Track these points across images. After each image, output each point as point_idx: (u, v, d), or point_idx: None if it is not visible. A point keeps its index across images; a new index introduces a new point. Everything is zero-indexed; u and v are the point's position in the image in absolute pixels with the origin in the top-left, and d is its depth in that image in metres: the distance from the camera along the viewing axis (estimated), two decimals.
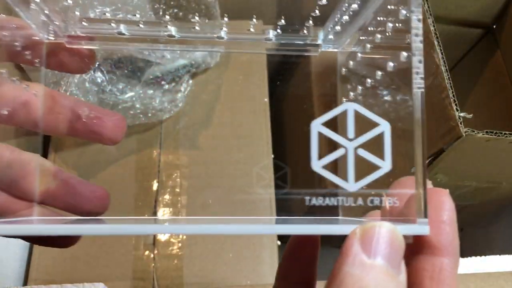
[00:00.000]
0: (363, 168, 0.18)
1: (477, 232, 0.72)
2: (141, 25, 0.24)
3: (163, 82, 0.56)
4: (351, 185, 0.18)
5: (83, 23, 0.24)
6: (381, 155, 0.18)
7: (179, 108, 0.56)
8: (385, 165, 0.18)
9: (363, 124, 0.19)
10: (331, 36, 0.25)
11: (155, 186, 0.53)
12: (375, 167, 0.18)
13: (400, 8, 0.19)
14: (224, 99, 0.59)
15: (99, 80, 0.54)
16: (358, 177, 0.19)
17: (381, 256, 0.17)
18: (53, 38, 0.24)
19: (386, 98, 0.21)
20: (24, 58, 0.24)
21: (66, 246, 0.23)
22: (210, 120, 0.57)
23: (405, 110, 0.18)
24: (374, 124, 0.19)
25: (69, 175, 0.26)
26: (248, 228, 0.18)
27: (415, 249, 0.19)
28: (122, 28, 0.24)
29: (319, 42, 0.26)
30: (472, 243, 0.72)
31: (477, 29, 0.66)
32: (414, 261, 0.19)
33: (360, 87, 0.24)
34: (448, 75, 0.44)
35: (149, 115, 0.55)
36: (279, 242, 0.52)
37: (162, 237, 0.51)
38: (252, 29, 0.25)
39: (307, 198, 0.18)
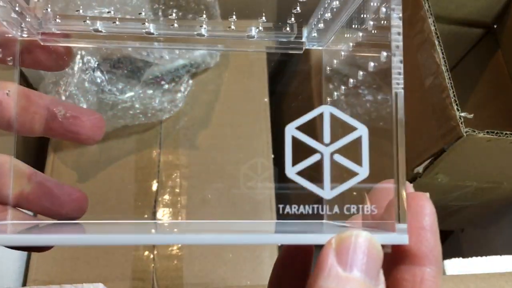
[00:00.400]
0: (340, 174, 0.18)
1: (477, 232, 0.71)
2: (117, 22, 0.23)
3: (162, 82, 0.56)
4: (327, 192, 0.18)
5: (57, 20, 0.23)
6: (358, 161, 0.18)
7: (179, 108, 0.56)
8: (363, 171, 0.18)
9: (340, 129, 0.18)
10: (314, 34, 0.25)
11: (154, 186, 0.53)
12: (352, 173, 0.18)
13: (381, 5, 0.19)
14: (224, 99, 0.58)
15: (98, 80, 0.54)
16: (334, 184, 0.18)
17: (358, 268, 0.16)
18: (26, 36, 0.24)
19: (368, 99, 0.20)
20: None
21: (42, 250, 0.23)
22: (210, 120, 0.57)
23: (385, 112, 0.18)
24: (352, 128, 0.18)
25: (45, 177, 0.25)
26: (228, 238, 0.18)
27: (395, 258, 0.18)
28: (98, 25, 0.23)
29: (303, 39, 0.25)
30: (472, 243, 0.72)
31: (478, 29, 0.65)
32: (394, 271, 0.18)
33: (343, 87, 0.23)
34: (448, 75, 0.44)
35: (149, 115, 0.55)
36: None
37: None
38: (233, 27, 0.24)
39: (281, 206, 0.18)
